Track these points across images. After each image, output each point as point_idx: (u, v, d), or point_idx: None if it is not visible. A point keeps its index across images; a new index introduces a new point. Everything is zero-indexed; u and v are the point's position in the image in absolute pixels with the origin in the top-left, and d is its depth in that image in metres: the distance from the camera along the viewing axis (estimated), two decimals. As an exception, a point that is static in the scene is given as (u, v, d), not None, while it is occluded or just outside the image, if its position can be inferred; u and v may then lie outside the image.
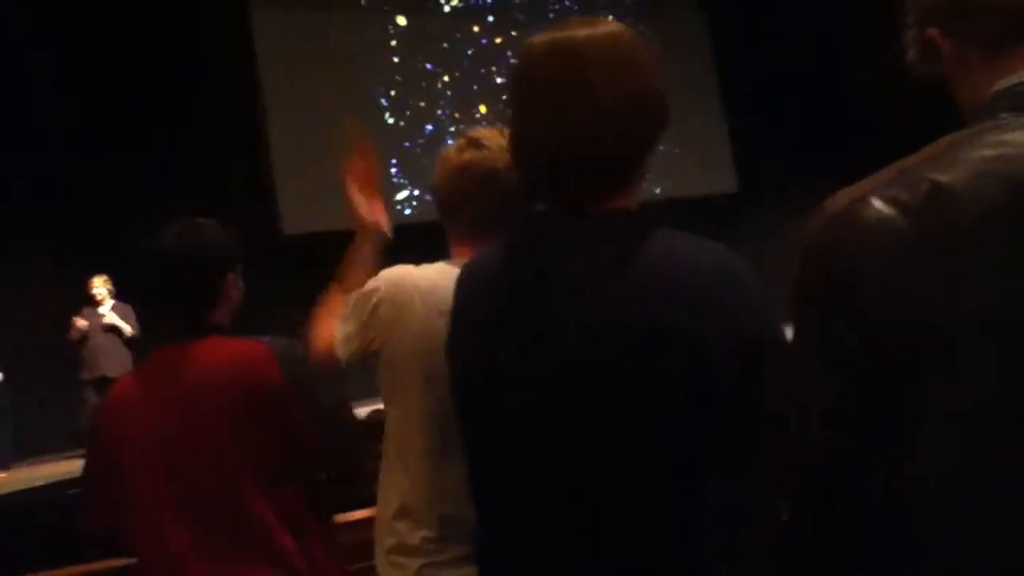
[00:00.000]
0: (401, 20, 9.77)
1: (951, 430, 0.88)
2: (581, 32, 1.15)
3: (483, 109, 9.89)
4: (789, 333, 1.04)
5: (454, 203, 1.65)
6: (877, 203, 0.93)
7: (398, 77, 9.66)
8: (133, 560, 2.07)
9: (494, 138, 1.63)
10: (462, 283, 1.29)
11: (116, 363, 7.37)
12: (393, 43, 9.71)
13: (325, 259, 2.03)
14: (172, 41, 7.87)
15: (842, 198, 0.97)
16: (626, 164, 1.17)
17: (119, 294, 7.50)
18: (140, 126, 7.63)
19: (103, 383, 7.35)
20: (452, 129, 9.81)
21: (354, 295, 1.65)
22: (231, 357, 1.82)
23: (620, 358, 1.06)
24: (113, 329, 7.36)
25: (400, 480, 1.62)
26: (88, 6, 7.58)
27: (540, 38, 1.18)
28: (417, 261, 1.68)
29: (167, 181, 7.50)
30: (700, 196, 9.43)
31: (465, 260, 1.56)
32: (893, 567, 0.93)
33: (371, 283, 1.63)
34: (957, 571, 0.89)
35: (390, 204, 9.76)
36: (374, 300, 1.60)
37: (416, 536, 1.58)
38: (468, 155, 1.63)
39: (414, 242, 1.78)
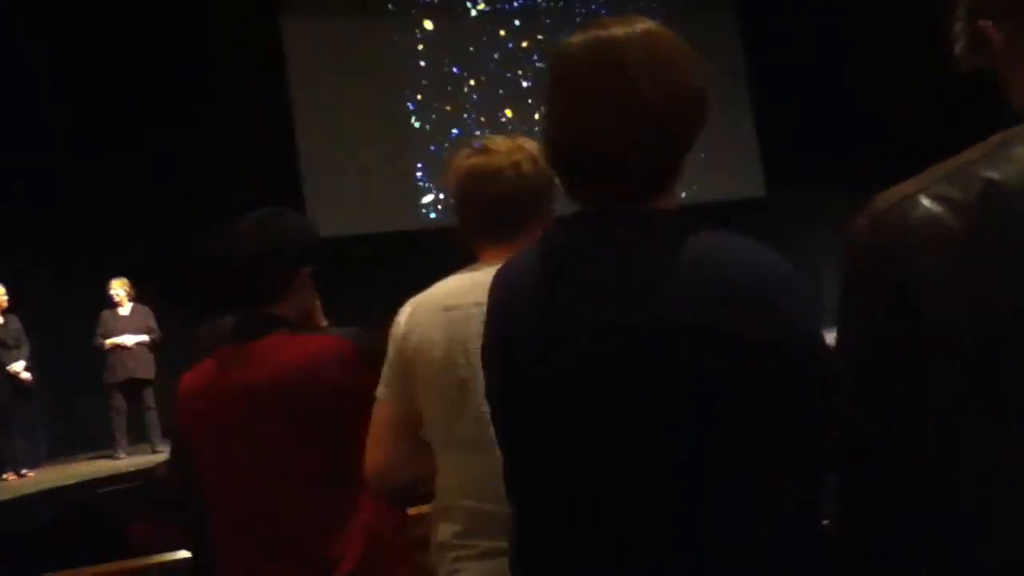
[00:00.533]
0: (428, 24, 9.79)
1: (993, 433, 0.86)
2: (619, 31, 1.13)
3: (509, 113, 9.88)
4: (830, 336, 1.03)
5: (465, 206, 1.69)
6: (926, 201, 0.90)
7: (424, 81, 9.69)
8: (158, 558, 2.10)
9: (500, 143, 1.67)
10: (495, 287, 1.28)
11: (143, 365, 7.45)
12: (420, 47, 9.73)
13: (350, 262, 2.03)
14: (172, 41, 7.90)
15: (890, 196, 0.94)
16: (668, 165, 1.15)
17: (137, 296, 7.58)
18: (140, 126, 7.66)
19: (130, 386, 7.42)
20: (478, 133, 9.80)
21: (387, 359, 1.71)
22: (302, 355, 1.79)
23: (652, 356, 1.04)
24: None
25: (438, 477, 1.67)
26: (88, 6, 7.63)
27: (577, 37, 1.15)
28: (442, 263, 1.72)
29: (167, 181, 7.57)
30: (727, 201, 9.35)
31: (489, 262, 1.63)
32: (914, 563, 0.92)
33: (394, 330, 1.70)
34: (972, 567, 0.88)
35: (415, 208, 9.83)
36: (396, 353, 1.69)
37: (448, 532, 1.62)
38: (472, 160, 1.67)
39: (439, 246, 1.78)
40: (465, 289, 1.63)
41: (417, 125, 9.66)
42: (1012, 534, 0.87)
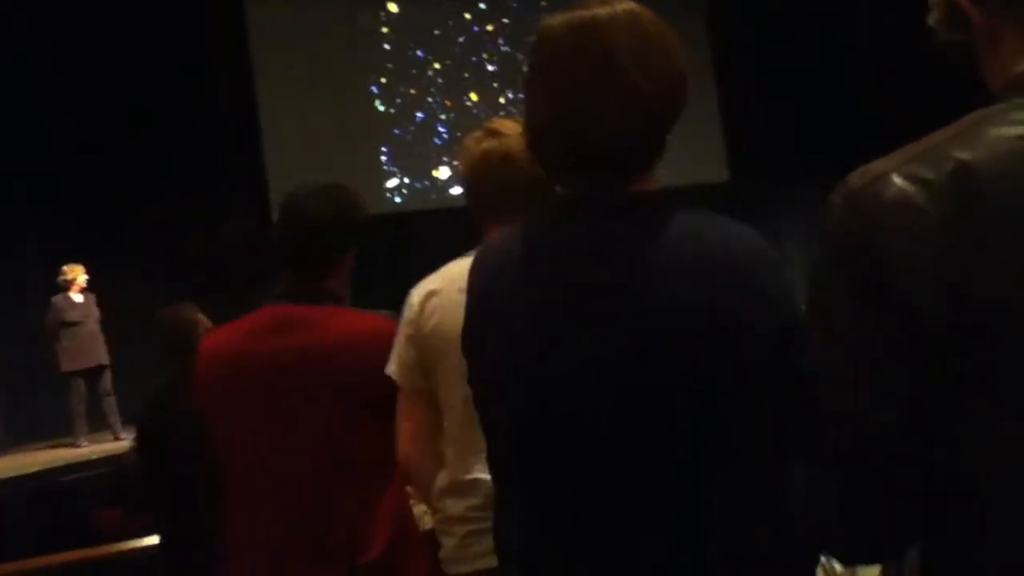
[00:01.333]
0: (392, 7, 9.72)
1: (987, 419, 0.85)
2: (602, 11, 1.11)
3: (474, 97, 9.87)
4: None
5: (477, 189, 1.70)
6: (899, 180, 0.88)
7: (389, 64, 9.63)
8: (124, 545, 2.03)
9: (510, 126, 1.68)
10: (477, 273, 1.25)
11: (102, 351, 7.32)
12: (384, 30, 9.66)
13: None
14: (172, 41, 7.83)
15: (864, 174, 0.92)
16: (653, 146, 1.13)
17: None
18: (140, 126, 7.60)
19: (89, 372, 7.28)
20: (443, 117, 9.79)
21: (399, 333, 1.71)
22: (356, 328, 1.75)
23: (652, 357, 1.03)
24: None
25: (447, 454, 1.68)
26: (88, 6, 7.54)
27: (558, 19, 1.13)
28: (406, 248, 1.73)
29: (167, 181, 7.52)
30: (689, 185, 9.40)
31: None
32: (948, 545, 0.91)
33: (407, 312, 1.70)
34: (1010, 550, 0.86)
35: (380, 192, 9.77)
36: (407, 333, 1.69)
37: (460, 507, 1.65)
38: (486, 144, 1.68)
39: (403, 230, 1.77)
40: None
41: (381, 108, 9.60)
42: (1012, 534, 0.86)
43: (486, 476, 1.57)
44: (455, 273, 1.67)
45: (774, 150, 9.51)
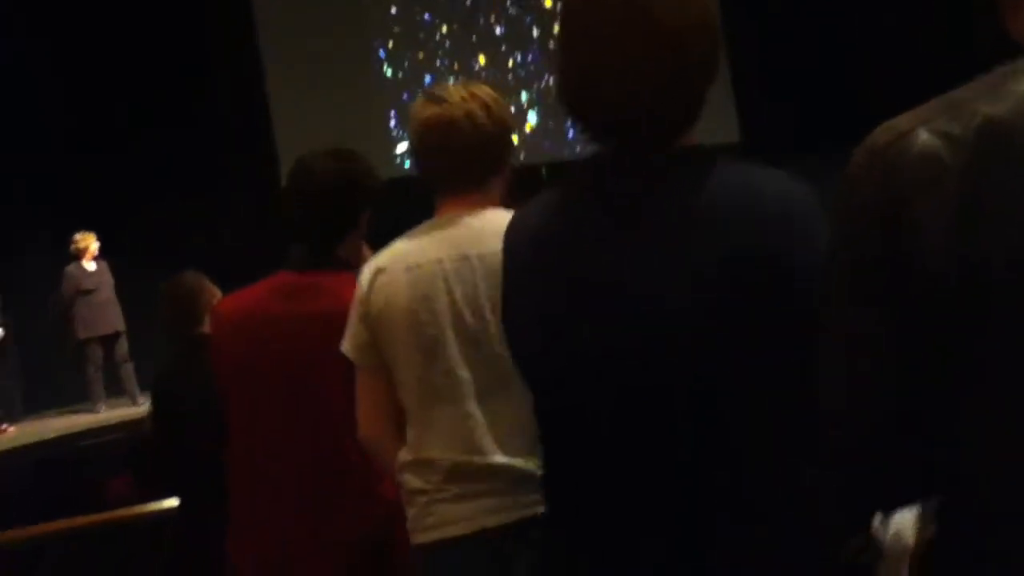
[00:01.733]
0: (399, -29, 9.64)
1: (1009, 385, 0.82)
2: None
3: (482, 60, 9.79)
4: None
5: (423, 158, 1.68)
6: (925, 136, 0.84)
7: (396, 28, 9.54)
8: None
9: (453, 92, 1.64)
10: (504, 245, 1.21)
11: (119, 318, 7.38)
12: (390, -7, 9.59)
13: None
14: (172, 41, 7.78)
15: (888, 131, 0.88)
16: (701, 99, 1.09)
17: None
18: (140, 126, 7.58)
19: (110, 339, 7.35)
20: (451, 80, 9.72)
21: (352, 313, 1.70)
22: None
23: (652, 356, 1.03)
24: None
25: (408, 432, 1.68)
26: (88, 6, 7.49)
27: None
28: (415, 213, 1.72)
29: (167, 181, 7.52)
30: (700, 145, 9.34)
31: (449, 216, 1.64)
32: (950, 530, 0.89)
33: (358, 290, 1.68)
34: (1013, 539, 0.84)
35: (389, 157, 9.73)
36: (362, 311, 1.67)
37: (420, 481, 1.65)
38: (428, 111, 1.63)
39: (412, 195, 1.78)
40: (425, 246, 1.63)
41: (389, 73, 9.54)
42: (1012, 534, 0.84)
43: (442, 455, 1.62)
44: (401, 250, 1.66)
45: (773, 149, 9.46)
